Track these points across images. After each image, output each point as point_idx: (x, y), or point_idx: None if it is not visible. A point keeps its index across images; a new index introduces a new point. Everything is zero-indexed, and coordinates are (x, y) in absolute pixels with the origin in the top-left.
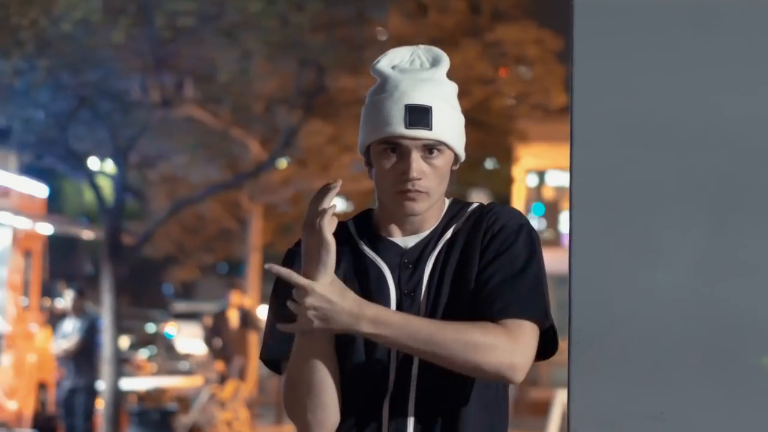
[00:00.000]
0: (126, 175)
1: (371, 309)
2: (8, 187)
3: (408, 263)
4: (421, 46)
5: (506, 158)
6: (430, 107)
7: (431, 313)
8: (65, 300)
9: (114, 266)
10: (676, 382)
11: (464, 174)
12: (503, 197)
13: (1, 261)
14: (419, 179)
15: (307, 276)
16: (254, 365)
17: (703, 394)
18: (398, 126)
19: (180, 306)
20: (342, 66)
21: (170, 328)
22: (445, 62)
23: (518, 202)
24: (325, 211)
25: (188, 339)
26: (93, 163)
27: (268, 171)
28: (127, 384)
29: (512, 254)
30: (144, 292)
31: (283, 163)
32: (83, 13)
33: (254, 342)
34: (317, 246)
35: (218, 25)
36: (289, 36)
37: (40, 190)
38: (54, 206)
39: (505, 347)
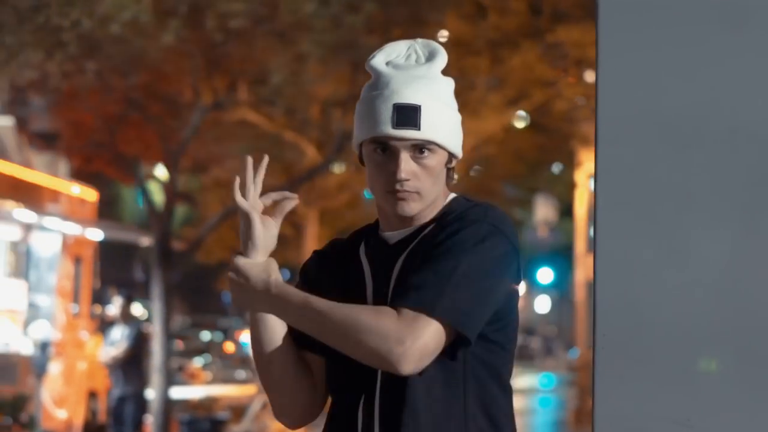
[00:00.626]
0: (176, 180)
1: (278, 289)
2: (58, 191)
3: (385, 259)
4: (419, 40)
5: (569, 162)
6: (419, 106)
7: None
8: (114, 307)
9: (164, 273)
10: (704, 387)
11: (527, 179)
12: (566, 202)
13: (50, 267)
14: (408, 180)
15: (240, 253)
16: None
17: (731, 399)
18: (386, 126)
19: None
20: None
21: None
22: (441, 57)
23: (581, 207)
24: (245, 184)
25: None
26: (144, 167)
27: (322, 175)
28: (178, 393)
29: (446, 247)
30: (198, 299)
31: (340, 167)
32: (132, 14)
33: None
34: (243, 221)
35: (271, 27)
36: (342, 37)
37: (90, 194)
38: (108, 211)
39: (392, 334)
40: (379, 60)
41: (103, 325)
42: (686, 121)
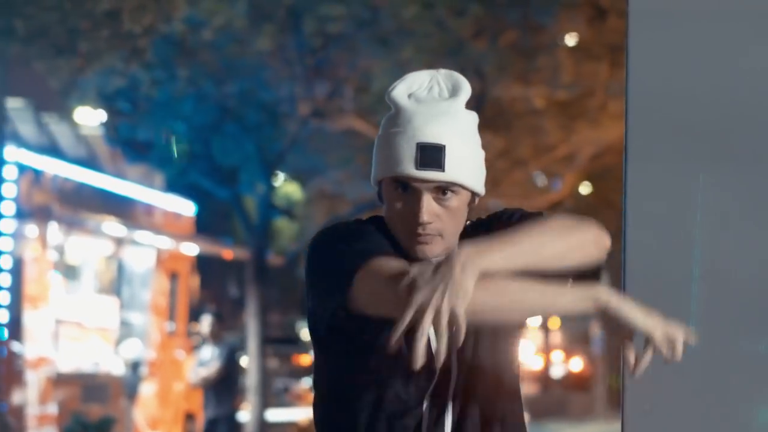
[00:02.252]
0: (274, 192)
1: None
2: (152, 205)
3: None
4: (442, 71)
5: None
6: (444, 146)
7: None
8: (203, 325)
9: (260, 289)
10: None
11: None
12: None
13: (144, 283)
14: (430, 222)
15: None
16: None
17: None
18: (409, 166)
19: None
20: (510, 74)
21: None
22: (465, 91)
23: None
24: None
25: None
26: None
27: None
28: (277, 415)
29: None
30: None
31: None
32: (225, 19)
33: None
34: None
35: (372, 32)
36: (447, 42)
37: (186, 207)
38: (207, 225)
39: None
40: (401, 92)
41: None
42: (720, 134)
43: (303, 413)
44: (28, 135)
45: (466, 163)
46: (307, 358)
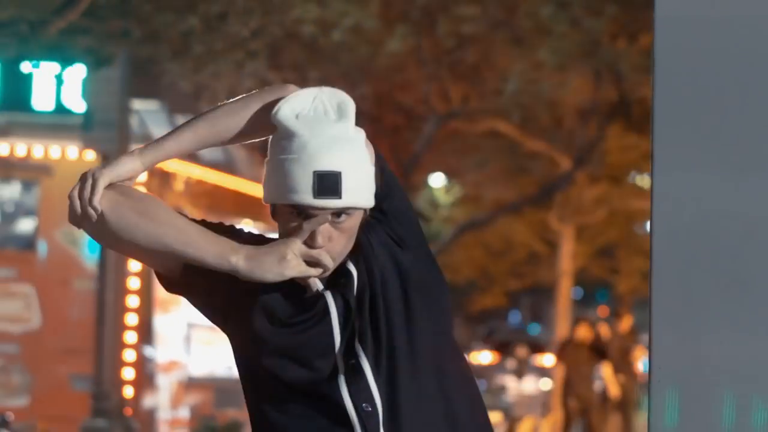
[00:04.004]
0: (408, 194)
1: None
2: None
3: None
4: (325, 89)
5: None
6: (340, 173)
7: None
8: None
9: None
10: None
11: None
12: None
13: None
14: (325, 246)
15: None
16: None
17: None
18: (306, 195)
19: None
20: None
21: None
22: (352, 110)
23: None
24: None
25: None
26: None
27: (563, 189)
28: None
29: None
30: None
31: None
32: (356, 20)
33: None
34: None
35: (508, 32)
36: (583, 43)
37: None
38: None
39: None
40: (287, 114)
41: None
42: (750, 144)
43: None
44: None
45: (361, 184)
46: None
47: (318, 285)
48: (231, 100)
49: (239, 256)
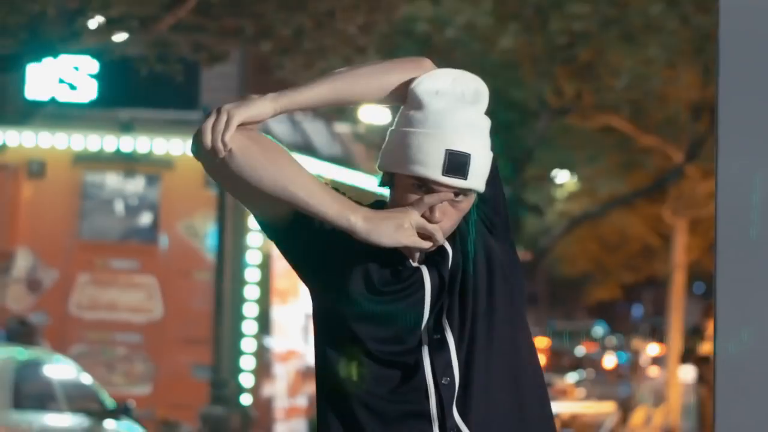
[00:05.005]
0: (522, 188)
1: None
2: None
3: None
4: (465, 73)
5: None
6: (469, 155)
7: None
8: None
9: None
10: None
11: None
12: None
13: None
14: (440, 221)
15: None
16: (676, 391)
17: None
18: (435, 171)
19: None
20: None
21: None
22: (486, 97)
23: None
24: None
25: None
26: None
27: (676, 182)
28: None
29: None
30: (564, 311)
31: (710, 173)
32: (468, 18)
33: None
34: None
35: (618, 29)
36: (693, 39)
37: None
38: None
39: None
40: (428, 89)
41: None
42: None
43: (565, 407)
44: (282, 133)
45: (483, 170)
46: (570, 358)
47: (418, 258)
48: (370, 63)
49: (358, 216)
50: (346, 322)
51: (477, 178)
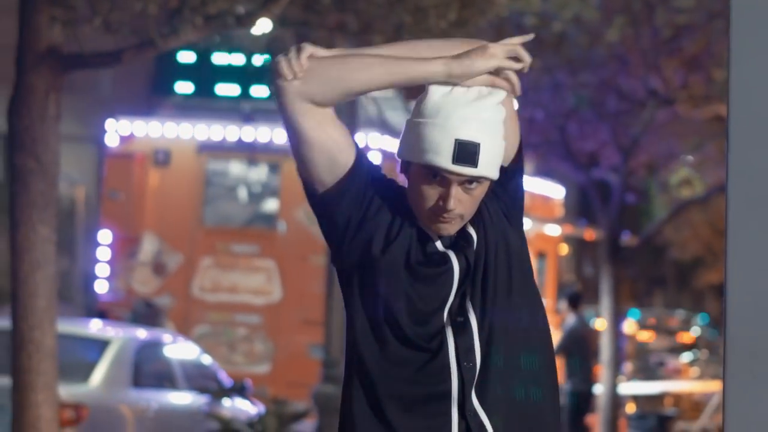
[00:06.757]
0: (629, 176)
1: None
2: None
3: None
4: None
5: None
6: (479, 144)
7: None
8: (559, 303)
9: (613, 268)
10: None
11: None
12: None
13: None
14: (455, 209)
15: None
16: None
17: None
18: (445, 160)
19: None
20: None
21: None
22: (499, 91)
23: None
24: None
25: None
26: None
27: None
28: (632, 388)
29: None
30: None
31: None
32: (575, 12)
33: None
34: None
35: (724, 22)
36: None
37: (555, 191)
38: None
39: None
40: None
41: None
42: None
43: (678, 386)
44: (396, 122)
45: (495, 159)
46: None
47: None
48: (427, 40)
49: (447, 60)
50: (377, 300)
51: (488, 166)
